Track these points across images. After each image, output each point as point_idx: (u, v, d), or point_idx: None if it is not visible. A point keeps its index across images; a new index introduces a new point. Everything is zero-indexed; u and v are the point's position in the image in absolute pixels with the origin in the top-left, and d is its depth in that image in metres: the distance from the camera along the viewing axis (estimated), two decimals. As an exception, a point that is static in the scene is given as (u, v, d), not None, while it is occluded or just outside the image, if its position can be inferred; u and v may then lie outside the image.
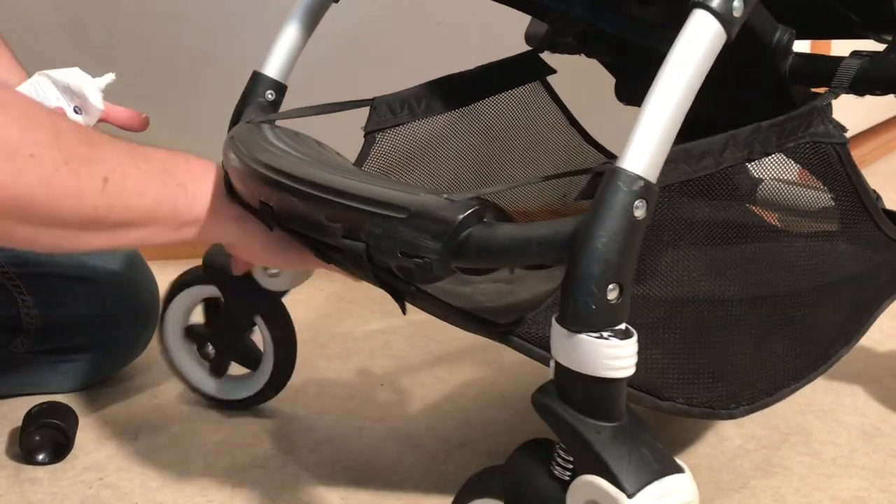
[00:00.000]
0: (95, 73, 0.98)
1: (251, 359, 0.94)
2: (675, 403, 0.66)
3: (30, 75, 0.98)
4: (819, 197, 0.74)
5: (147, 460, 0.87)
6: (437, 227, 0.54)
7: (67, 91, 0.95)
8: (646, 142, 0.50)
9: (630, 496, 0.48)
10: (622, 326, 0.50)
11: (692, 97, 0.52)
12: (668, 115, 0.51)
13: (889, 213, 0.81)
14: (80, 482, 0.83)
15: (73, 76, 0.95)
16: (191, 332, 0.94)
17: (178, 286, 0.94)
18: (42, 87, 0.95)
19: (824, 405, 0.95)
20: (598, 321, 0.49)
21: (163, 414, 0.96)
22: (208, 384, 0.95)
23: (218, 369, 0.94)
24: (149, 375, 1.04)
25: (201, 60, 1.41)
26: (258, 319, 0.92)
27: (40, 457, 0.86)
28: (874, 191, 0.82)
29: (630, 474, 0.48)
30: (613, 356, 0.49)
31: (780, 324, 0.73)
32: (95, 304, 0.97)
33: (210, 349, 0.93)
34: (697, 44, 0.52)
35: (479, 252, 0.53)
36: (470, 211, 0.54)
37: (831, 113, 0.73)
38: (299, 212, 0.63)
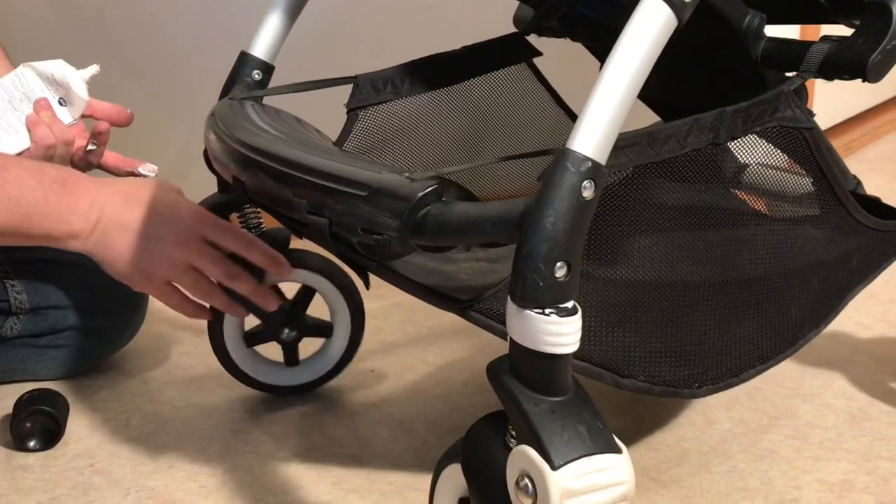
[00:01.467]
0: (87, 59, 0.98)
1: (323, 327, 0.94)
2: (635, 381, 0.67)
3: (16, 66, 0.97)
4: (798, 182, 0.75)
5: (138, 446, 0.87)
6: (397, 204, 0.55)
7: (52, 82, 0.94)
8: (594, 124, 0.51)
9: (554, 468, 0.48)
10: (569, 304, 0.51)
11: (642, 81, 0.53)
12: (617, 99, 0.52)
13: (865, 199, 0.81)
14: (71, 468, 0.83)
15: (58, 67, 0.94)
16: (251, 337, 0.93)
17: None
18: (26, 79, 0.94)
19: (812, 389, 0.95)
20: (546, 298, 0.50)
21: (154, 400, 0.96)
22: (282, 376, 0.95)
23: (293, 355, 0.94)
24: (139, 362, 1.04)
25: (193, 45, 1.40)
26: (320, 280, 0.92)
27: (31, 443, 0.86)
28: (854, 176, 0.82)
29: (559, 448, 0.49)
30: (555, 332, 0.50)
31: (746, 306, 0.74)
32: (84, 289, 0.97)
33: (286, 333, 0.92)
34: (647, 28, 0.53)
35: (436, 230, 0.54)
36: (428, 189, 0.55)
37: (806, 98, 0.73)
38: (268, 188, 0.65)
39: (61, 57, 0.96)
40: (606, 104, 0.51)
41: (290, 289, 0.93)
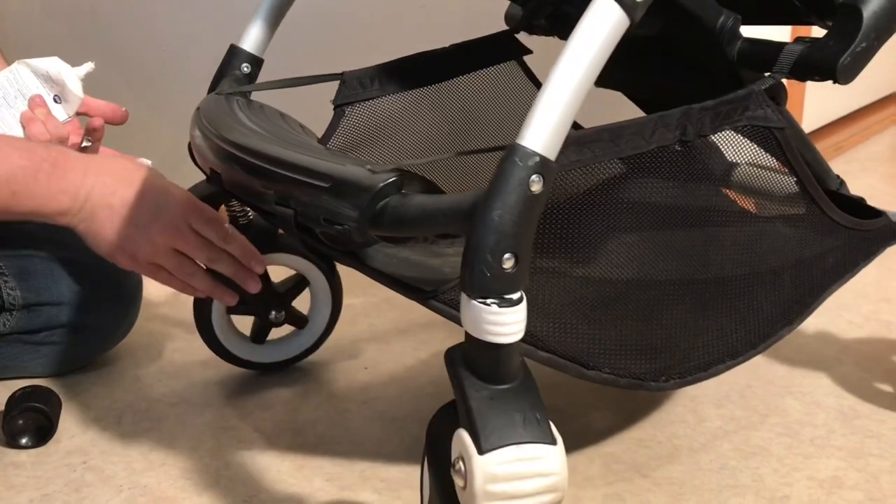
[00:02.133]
0: (78, 55, 0.98)
1: (300, 318, 1.00)
2: (601, 373, 0.68)
3: (10, 63, 0.97)
4: (771, 180, 0.75)
5: (131, 443, 0.87)
6: (357, 196, 0.56)
7: (47, 79, 0.94)
8: (544, 120, 0.52)
9: (481, 453, 0.50)
10: (515, 295, 0.51)
11: (592, 79, 0.53)
12: (567, 96, 0.53)
13: (848, 199, 0.81)
14: (64, 465, 0.83)
15: (53, 64, 0.95)
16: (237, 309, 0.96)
17: None
18: (21, 76, 0.94)
19: (803, 387, 0.96)
20: (493, 289, 0.51)
21: (146, 397, 0.96)
22: (248, 350, 0.98)
23: (263, 335, 0.98)
24: (132, 359, 1.04)
25: (184, 41, 1.40)
26: (316, 273, 0.98)
27: (24, 440, 0.86)
28: (837, 176, 0.83)
29: (490, 434, 0.50)
30: (497, 322, 0.51)
31: (716, 303, 0.75)
32: (78, 286, 0.97)
33: (274, 315, 0.97)
34: (598, 28, 0.53)
35: (394, 221, 0.56)
36: (388, 181, 0.56)
37: (784, 98, 0.74)
38: (240, 180, 0.66)
39: (52, 53, 0.96)
40: (555, 101, 0.52)
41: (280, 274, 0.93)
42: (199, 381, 0.99)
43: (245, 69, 0.85)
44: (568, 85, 0.52)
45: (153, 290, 1.25)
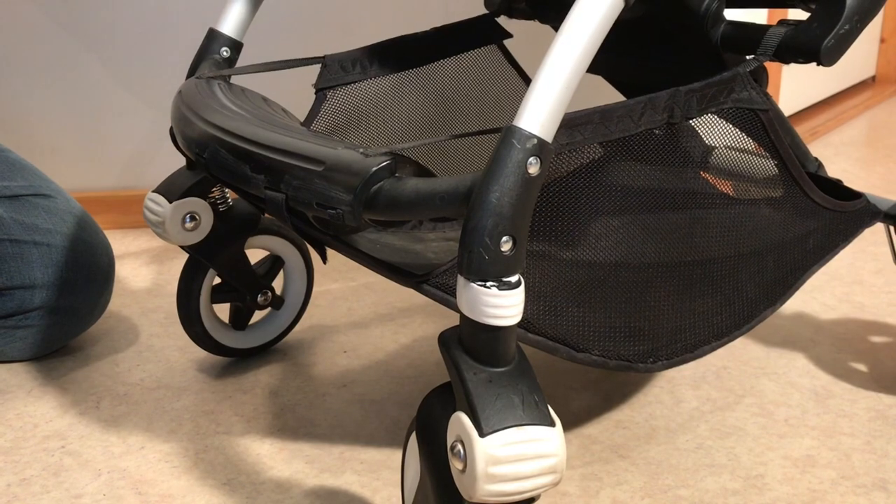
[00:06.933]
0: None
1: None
2: (590, 355, 0.69)
3: None
4: (754, 163, 0.76)
5: (109, 427, 0.87)
6: (350, 179, 0.56)
7: None
8: (541, 102, 0.52)
9: (482, 435, 0.50)
10: (513, 278, 0.52)
11: (588, 61, 0.54)
12: (564, 78, 0.53)
13: (826, 181, 0.82)
14: (42, 450, 0.83)
15: None
16: (217, 292, 0.96)
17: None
18: None
19: (778, 368, 0.97)
20: (491, 271, 0.51)
21: (124, 381, 0.95)
22: (231, 337, 0.98)
23: (244, 320, 0.98)
24: (109, 343, 1.04)
25: (161, 24, 1.39)
26: (293, 252, 0.99)
27: None
28: (816, 158, 0.84)
29: (491, 416, 0.50)
30: (495, 304, 0.51)
31: (702, 285, 0.75)
32: (50, 268, 0.96)
33: (260, 298, 0.97)
34: (594, 10, 0.54)
35: (388, 205, 0.56)
36: (382, 165, 0.56)
37: (766, 81, 0.74)
38: (228, 164, 0.66)
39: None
40: (552, 84, 0.53)
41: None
42: (177, 365, 0.99)
43: (224, 53, 0.85)
44: (564, 67, 0.53)
45: (130, 276, 1.25)
